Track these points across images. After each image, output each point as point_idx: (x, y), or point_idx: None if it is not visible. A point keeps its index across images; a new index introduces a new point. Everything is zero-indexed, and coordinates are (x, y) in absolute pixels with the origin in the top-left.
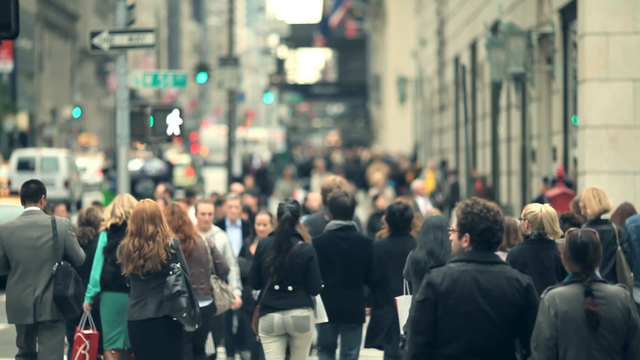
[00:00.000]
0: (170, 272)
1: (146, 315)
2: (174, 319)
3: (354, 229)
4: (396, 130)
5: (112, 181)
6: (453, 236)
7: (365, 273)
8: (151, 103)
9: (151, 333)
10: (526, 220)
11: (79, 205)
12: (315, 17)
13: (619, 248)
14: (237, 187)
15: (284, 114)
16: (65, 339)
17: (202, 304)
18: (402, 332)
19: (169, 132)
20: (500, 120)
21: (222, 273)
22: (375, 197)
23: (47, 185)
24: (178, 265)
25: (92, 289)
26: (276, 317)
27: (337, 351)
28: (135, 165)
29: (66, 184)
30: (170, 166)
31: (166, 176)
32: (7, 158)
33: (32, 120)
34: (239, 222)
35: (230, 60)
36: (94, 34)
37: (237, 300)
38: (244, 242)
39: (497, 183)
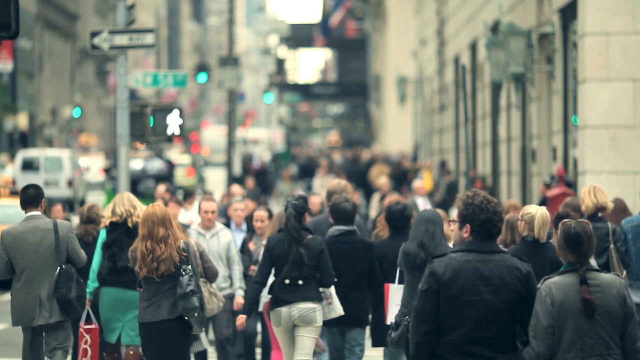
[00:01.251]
0: (183, 272)
1: (160, 317)
2: (186, 319)
3: (356, 234)
4: (396, 130)
5: (114, 180)
6: (454, 227)
7: (368, 276)
8: (151, 103)
9: (164, 334)
10: (523, 221)
11: (82, 204)
12: (315, 17)
13: (612, 246)
14: (237, 188)
15: (284, 114)
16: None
17: None
18: (391, 319)
19: (169, 132)
20: (500, 120)
21: (210, 277)
22: (383, 197)
23: (51, 184)
24: (189, 267)
25: (90, 284)
26: (283, 311)
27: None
28: (136, 164)
29: (70, 183)
30: (171, 166)
31: (167, 176)
32: (12, 157)
33: (32, 120)
34: (244, 227)
35: (230, 60)
36: (94, 34)
37: (239, 301)
38: (244, 238)
39: (497, 183)
